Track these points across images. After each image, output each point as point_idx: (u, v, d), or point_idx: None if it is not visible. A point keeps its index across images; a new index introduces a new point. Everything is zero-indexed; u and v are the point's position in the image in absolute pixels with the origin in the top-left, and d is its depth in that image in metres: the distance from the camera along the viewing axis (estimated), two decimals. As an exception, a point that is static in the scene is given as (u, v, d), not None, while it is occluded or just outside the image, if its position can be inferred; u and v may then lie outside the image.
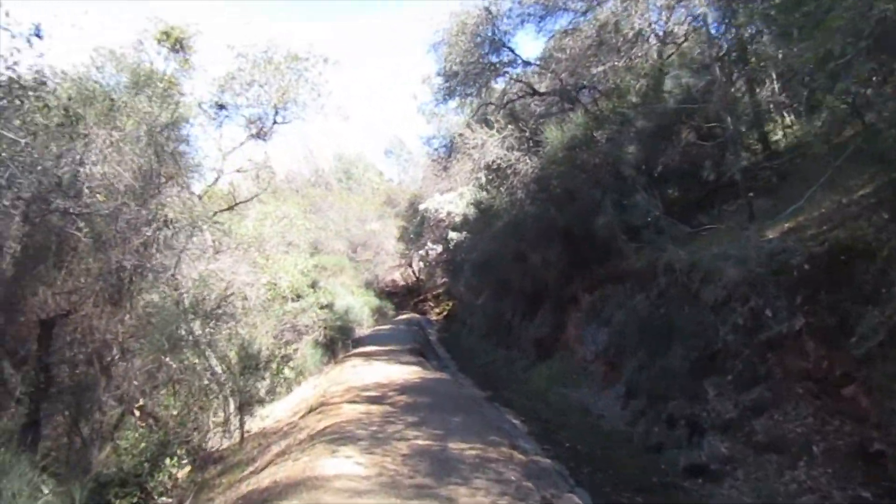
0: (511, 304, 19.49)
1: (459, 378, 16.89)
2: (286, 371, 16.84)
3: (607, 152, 12.25)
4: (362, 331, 27.09)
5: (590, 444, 8.98)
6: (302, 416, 9.13)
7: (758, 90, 10.41)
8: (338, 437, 6.61)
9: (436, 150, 19.46)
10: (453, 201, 27.37)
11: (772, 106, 10.59)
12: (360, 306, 27.91)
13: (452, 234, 26.06)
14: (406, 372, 12.51)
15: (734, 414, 6.92)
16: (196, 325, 10.42)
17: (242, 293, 13.34)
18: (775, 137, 11.88)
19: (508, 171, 14.21)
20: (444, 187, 32.40)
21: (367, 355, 16.29)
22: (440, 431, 6.90)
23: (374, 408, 8.44)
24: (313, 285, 20.70)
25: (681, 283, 9.47)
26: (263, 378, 15.82)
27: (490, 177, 14.54)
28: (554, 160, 13.34)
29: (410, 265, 46.12)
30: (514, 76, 17.55)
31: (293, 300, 18.20)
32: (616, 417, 9.74)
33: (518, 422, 10.95)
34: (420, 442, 6.38)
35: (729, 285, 8.00)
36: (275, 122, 11.87)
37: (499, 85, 18.64)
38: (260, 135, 11.76)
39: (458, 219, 26.42)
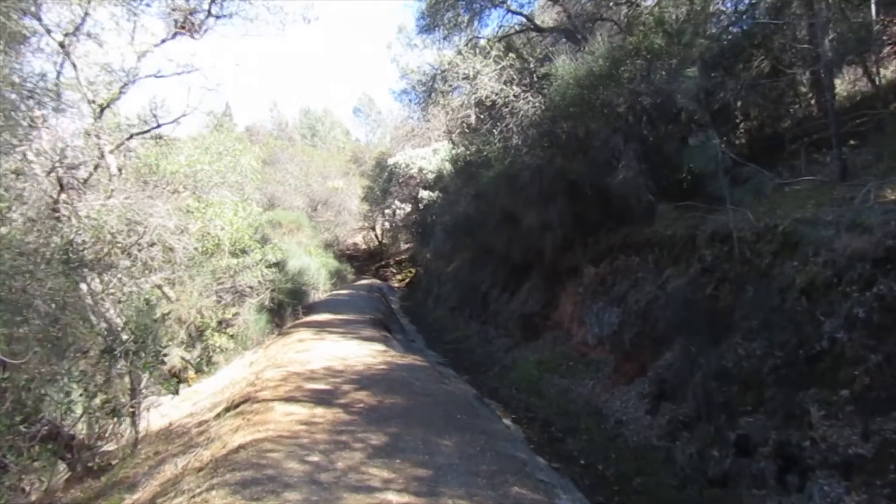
0: (490, 273, 17.09)
1: (429, 356, 14.49)
2: (223, 340, 14.10)
3: (633, 91, 9.78)
4: (318, 295, 24.33)
5: (615, 464, 6.69)
6: (219, 415, 6.49)
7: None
8: (252, 475, 3.91)
9: (413, 88, 16.43)
10: (426, 157, 24.59)
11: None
12: (316, 268, 25.01)
13: (423, 193, 23.39)
14: (367, 352, 9.93)
15: (866, 450, 4.63)
16: (92, 279, 7.62)
17: (165, 242, 10.54)
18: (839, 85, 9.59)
19: (504, 111, 11.59)
20: (416, 143, 29.56)
21: (320, 325, 13.62)
22: (425, 470, 4.26)
23: (321, 412, 5.79)
24: (263, 241, 17.66)
25: (740, 257, 7.15)
26: (191, 349, 13.11)
27: (482, 116, 11.91)
28: (564, 99, 10.76)
29: (374, 228, 43.36)
30: (513, 7, 14.80)
31: (235, 256, 15.21)
32: (642, 425, 7.45)
33: (509, 421, 8.62)
34: (393, 497, 3.75)
35: (838, 262, 5.67)
36: (210, 14, 8.86)
37: (492, 20, 15.91)
38: (188, 28, 8.73)
39: (430, 176, 23.72)
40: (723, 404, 6.18)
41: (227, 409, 6.38)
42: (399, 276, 40.35)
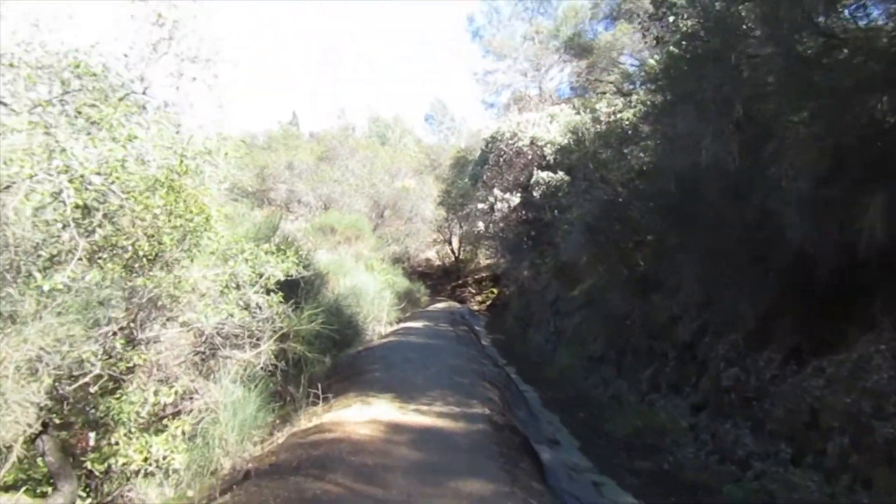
0: (712, 305, 8.36)
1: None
2: (161, 446, 5.87)
3: None
4: (379, 328, 16.26)
5: None
6: None
7: None
8: None
9: None
10: (540, 123, 16.26)
11: None
12: (377, 290, 16.95)
13: (541, 176, 15.03)
14: None
15: None
16: None
17: None
18: None
19: None
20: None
21: (347, 481, 4.53)
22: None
23: None
24: (287, 246, 9.09)
25: None
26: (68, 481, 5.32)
27: None
28: None
29: (449, 241, 35.59)
30: None
31: (219, 263, 6.97)
32: None
33: None
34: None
35: None
36: None
37: None
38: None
39: (550, 150, 15.33)
40: None
41: None
42: (479, 298, 33.05)
